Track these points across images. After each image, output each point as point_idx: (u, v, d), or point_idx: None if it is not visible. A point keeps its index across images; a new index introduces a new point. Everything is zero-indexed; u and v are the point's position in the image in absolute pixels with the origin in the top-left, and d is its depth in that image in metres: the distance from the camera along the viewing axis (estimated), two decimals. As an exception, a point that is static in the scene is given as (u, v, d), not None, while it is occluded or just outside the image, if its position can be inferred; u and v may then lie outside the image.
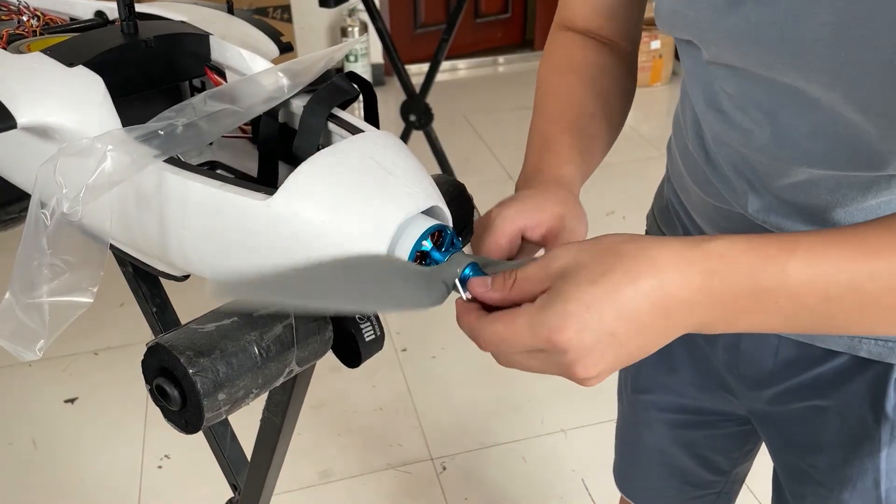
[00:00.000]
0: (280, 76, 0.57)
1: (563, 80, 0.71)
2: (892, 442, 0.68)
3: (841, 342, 0.67)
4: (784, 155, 0.58)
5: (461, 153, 2.85)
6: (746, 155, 0.61)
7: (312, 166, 0.50)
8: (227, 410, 0.52)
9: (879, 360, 0.66)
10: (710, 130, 0.64)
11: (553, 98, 0.69)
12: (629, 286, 0.42)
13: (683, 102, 0.71)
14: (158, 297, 0.75)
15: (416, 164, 0.54)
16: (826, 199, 0.59)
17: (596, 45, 0.72)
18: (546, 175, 0.61)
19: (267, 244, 0.50)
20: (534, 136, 0.67)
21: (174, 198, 0.53)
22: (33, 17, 0.73)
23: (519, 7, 4.14)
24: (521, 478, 1.68)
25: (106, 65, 0.59)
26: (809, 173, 0.58)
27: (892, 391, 0.66)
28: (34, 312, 0.48)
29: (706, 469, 0.92)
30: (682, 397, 0.86)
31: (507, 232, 0.55)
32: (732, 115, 0.60)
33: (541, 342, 0.42)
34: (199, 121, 0.52)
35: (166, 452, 1.73)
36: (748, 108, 0.58)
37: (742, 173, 0.64)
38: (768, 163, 0.60)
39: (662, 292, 0.42)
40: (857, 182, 0.57)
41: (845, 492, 0.72)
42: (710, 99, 0.62)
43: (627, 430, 0.98)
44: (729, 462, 0.92)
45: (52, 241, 0.47)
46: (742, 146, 0.61)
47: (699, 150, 0.68)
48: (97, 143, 0.48)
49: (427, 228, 0.50)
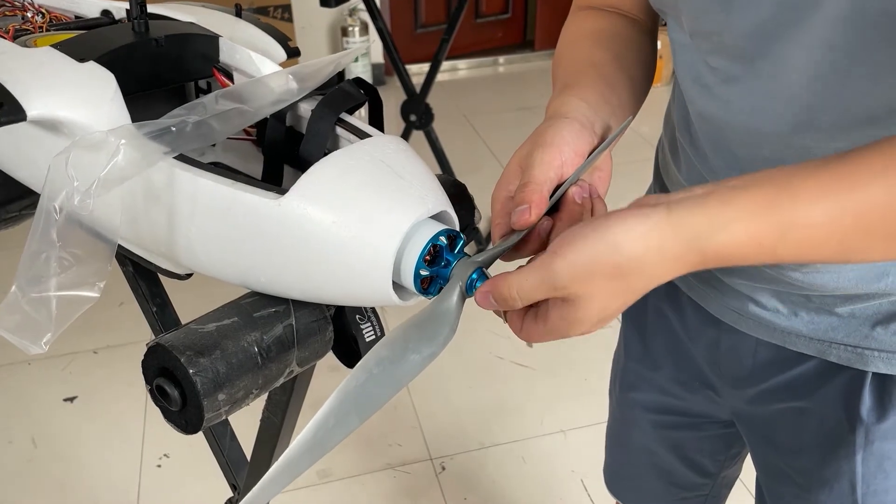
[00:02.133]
0: (290, 79, 0.57)
1: (579, 46, 0.68)
2: (867, 446, 0.68)
3: (812, 346, 0.68)
4: (760, 125, 0.57)
5: (461, 153, 2.85)
6: (725, 130, 0.61)
7: (325, 168, 0.51)
8: (228, 411, 0.52)
9: (849, 365, 0.66)
10: (694, 106, 0.64)
11: (568, 60, 0.67)
12: (636, 279, 0.45)
13: (674, 90, 0.71)
14: (158, 296, 0.75)
15: (425, 169, 0.54)
16: None
17: (615, 17, 0.70)
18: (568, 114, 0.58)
19: (276, 244, 0.51)
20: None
21: (184, 194, 0.53)
22: (38, 13, 0.73)
23: (519, 7, 4.14)
24: (521, 478, 1.68)
25: (117, 61, 0.59)
26: (783, 148, 0.57)
27: (867, 395, 0.67)
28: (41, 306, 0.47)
29: (693, 471, 0.92)
30: (666, 395, 0.86)
31: (551, 179, 0.53)
32: (714, 88, 0.60)
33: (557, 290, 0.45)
34: (209, 119, 0.52)
35: (165, 451, 1.73)
36: (728, 78, 0.58)
37: (720, 151, 0.63)
38: (745, 136, 0.59)
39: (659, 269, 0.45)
40: None
41: (822, 494, 0.72)
42: (695, 74, 0.61)
43: (616, 429, 0.98)
44: (715, 465, 0.92)
45: (61, 234, 0.47)
46: (721, 118, 0.60)
47: (685, 132, 0.68)
48: (110, 137, 0.48)
49: (436, 233, 0.50)
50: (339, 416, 0.45)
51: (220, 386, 0.50)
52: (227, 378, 0.51)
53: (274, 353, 0.54)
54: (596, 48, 0.66)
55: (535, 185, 0.50)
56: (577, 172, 0.52)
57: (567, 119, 0.54)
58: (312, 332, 0.56)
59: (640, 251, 0.44)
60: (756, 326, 0.70)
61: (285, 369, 0.55)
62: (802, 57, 0.52)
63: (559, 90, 0.61)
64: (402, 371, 0.47)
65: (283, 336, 0.54)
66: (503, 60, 4.07)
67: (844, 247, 0.44)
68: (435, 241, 0.51)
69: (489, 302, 0.48)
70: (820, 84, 0.52)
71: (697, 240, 0.44)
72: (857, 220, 0.43)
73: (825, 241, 0.44)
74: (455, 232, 0.52)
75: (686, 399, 0.85)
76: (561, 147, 0.52)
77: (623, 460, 0.99)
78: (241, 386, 0.52)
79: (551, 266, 0.45)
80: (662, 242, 0.44)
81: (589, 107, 0.57)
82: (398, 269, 0.50)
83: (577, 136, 0.53)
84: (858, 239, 0.44)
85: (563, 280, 0.45)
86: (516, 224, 0.50)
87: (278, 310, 0.55)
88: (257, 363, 0.53)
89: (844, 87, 0.51)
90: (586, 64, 0.64)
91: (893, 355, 0.64)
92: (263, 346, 0.53)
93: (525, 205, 0.50)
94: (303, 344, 0.56)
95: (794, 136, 0.56)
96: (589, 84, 0.60)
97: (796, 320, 0.67)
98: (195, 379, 0.49)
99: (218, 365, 0.50)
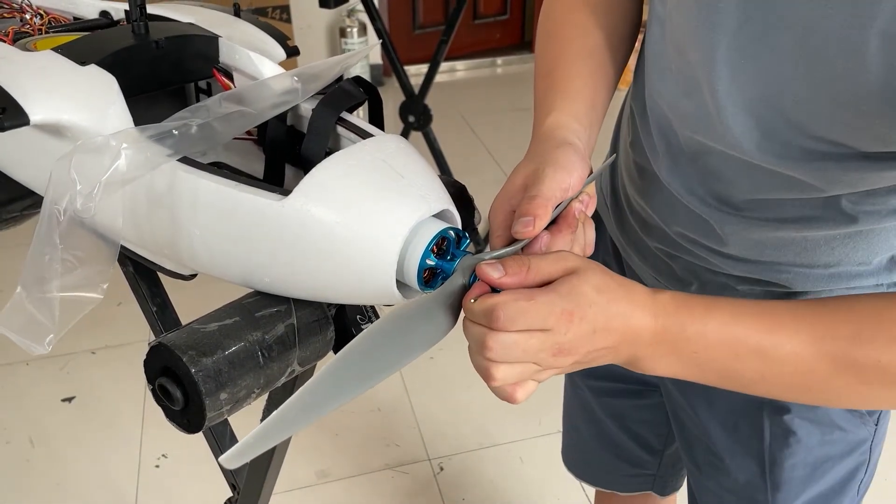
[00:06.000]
0: (294, 80, 0.57)
1: (572, 24, 0.70)
2: (773, 416, 0.72)
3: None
4: (701, 129, 0.60)
5: (460, 154, 2.85)
6: (671, 119, 0.64)
7: (327, 168, 0.51)
8: (229, 410, 0.53)
9: None
10: (651, 86, 0.67)
11: (560, 44, 0.69)
12: (619, 304, 0.50)
13: (636, 78, 0.74)
14: (159, 296, 0.75)
15: (426, 168, 0.54)
16: (723, 179, 0.63)
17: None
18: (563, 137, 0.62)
19: (280, 244, 0.51)
20: (541, 80, 0.68)
21: (187, 196, 0.53)
22: (36, 15, 0.73)
23: (517, 8, 4.14)
24: (519, 478, 1.68)
25: (118, 64, 0.59)
26: (719, 157, 0.61)
27: None
28: (44, 307, 0.48)
29: (637, 444, 0.97)
30: None
31: (556, 197, 0.56)
32: (670, 76, 0.62)
33: (553, 318, 0.48)
34: (212, 121, 0.52)
35: (163, 452, 1.73)
36: (685, 70, 0.60)
37: (664, 135, 0.66)
38: (688, 136, 0.63)
39: (632, 321, 0.51)
40: (758, 171, 0.60)
41: (734, 461, 0.77)
42: (658, 58, 0.64)
43: (568, 404, 1.04)
44: (659, 441, 0.96)
45: (64, 236, 0.48)
46: (670, 110, 0.64)
47: (641, 111, 0.71)
48: (112, 141, 0.48)
49: (439, 231, 0.51)
50: (338, 380, 0.46)
51: (222, 385, 0.51)
52: (230, 377, 0.51)
53: (276, 353, 0.54)
54: (590, 28, 0.69)
55: (542, 200, 0.53)
56: (575, 194, 0.56)
57: (571, 145, 0.59)
58: (314, 331, 0.56)
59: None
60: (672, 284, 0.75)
61: (287, 369, 0.56)
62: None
63: (552, 96, 0.64)
64: (401, 347, 0.49)
65: (284, 336, 0.54)
66: (501, 61, 4.08)
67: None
68: (444, 234, 0.51)
69: (497, 268, 0.50)
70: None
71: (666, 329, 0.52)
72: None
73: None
74: (461, 231, 0.53)
75: None
76: (570, 171, 0.56)
77: (575, 433, 1.05)
78: (243, 385, 0.52)
79: (570, 255, 0.51)
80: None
81: (581, 127, 0.62)
82: (401, 268, 0.51)
83: (581, 163, 0.57)
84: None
85: (577, 261, 0.50)
86: (520, 234, 0.53)
87: (280, 309, 0.55)
88: (259, 363, 0.53)
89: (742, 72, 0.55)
90: (576, 58, 0.67)
91: None
92: (265, 346, 0.53)
93: (531, 216, 0.52)
94: (304, 343, 0.56)
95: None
96: (580, 91, 0.64)
97: (705, 290, 0.72)
98: (197, 378, 0.50)
99: (220, 365, 0.51)
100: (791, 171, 0.57)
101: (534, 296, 0.48)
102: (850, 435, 0.73)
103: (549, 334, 0.48)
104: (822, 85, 0.50)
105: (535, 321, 0.47)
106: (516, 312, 0.47)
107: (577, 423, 1.03)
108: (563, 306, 0.48)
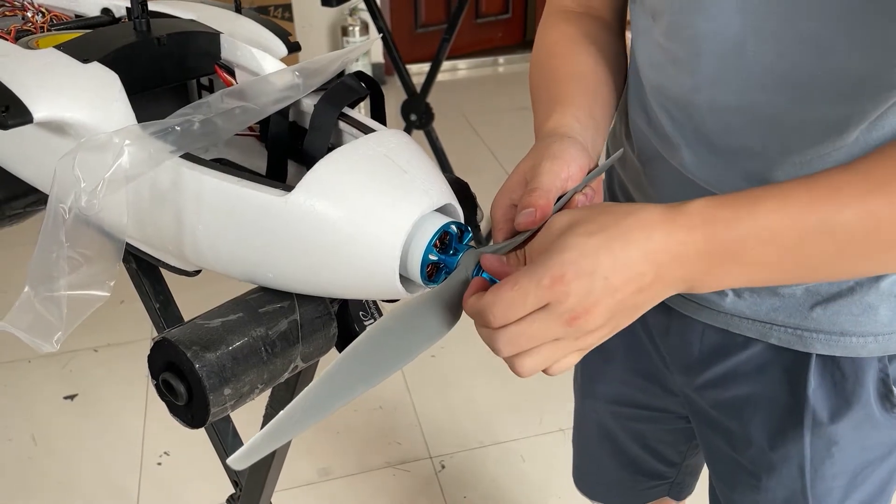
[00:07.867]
0: (296, 76, 0.57)
1: (561, 55, 0.71)
2: (814, 428, 0.70)
3: (753, 329, 0.69)
4: (720, 84, 0.60)
5: (461, 153, 2.85)
6: (676, 99, 0.64)
7: (330, 163, 0.51)
8: (233, 405, 0.53)
9: (789, 347, 0.68)
10: (649, 83, 0.66)
11: (552, 70, 0.70)
12: (621, 238, 0.45)
13: (628, 80, 0.74)
14: (162, 293, 0.75)
15: (428, 162, 0.55)
16: (755, 153, 0.61)
17: (588, 21, 0.73)
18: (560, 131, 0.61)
19: (284, 240, 0.51)
20: (539, 94, 0.68)
21: (190, 193, 0.53)
22: (38, 12, 0.74)
23: (519, 7, 4.14)
24: (520, 477, 1.68)
25: (120, 61, 0.59)
26: (743, 118, 0.60)
27: (813, 377, 0.68)
28: (52, 305, 0.48)
29: (657, 459, 0.95)
30: (626, 386, 0.89)
31: (557, 188, 0.55)
32: (664, 63, 0.63)
33: (543, 292, 0.45)
34: (215, 118, 0.52)
35: (166, 449, 1.73)
36: (677, 49, 0.60)
37: (678, 123, 0.65)
38: (711, 98, 0.62)
39: (652, 244, 0.45)
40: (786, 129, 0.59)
41: (771, 480, 0.74)
42: (650, 51, 0.64)
43: (581, 424, 1.00)
44: (678, 455, 0.94)
45: (69, 234, 0.48)
46: (672, 90, 0.64)
47: (640, 112, 0.70)
48: (115, 138, 0.49)
49: (442, 225, 0.51)
50: (344, 378, 0.46)
51: (225, 381, 0.51)
52: (233, 373, 0.51)
53: (279, 349, 0.54)
54: (579, 56, 0.69)
55: (542, 192, 0.52)
56: (579, 185, 0.55)
57: (570, 138, 0.58)
58: (317, 327, 0.57)
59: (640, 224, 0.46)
60: (700, 309, 0.72)
61: (290, 364, 0.56)
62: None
63: (551, 106, 0.64)
64: (406, 343, 0.49)
65: (287, 331, 0.55)
66: (503, 60, 4.07)
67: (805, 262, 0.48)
68: (447, 229, 0.52)
69: (499, 258, 0.50)
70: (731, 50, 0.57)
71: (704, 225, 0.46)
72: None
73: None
74: (464, 225, 0.53)
75: (646, 391, 0.87)
76: (569, 162, 0.55)
77: (589, 454, 1.02)
78: (247, 381, 0.52)
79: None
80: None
81: (582, 127, 0.60)
82: (405, 262, 0.51)
83: (581, 154, 0.56)
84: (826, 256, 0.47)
85: (566, 218, 0.48)
86: (521, 225, 0.52)
87: (283, 305, 0.55)
88: (262, 358, 0.53)
89: (741, 58, 0.56)
90: (571, 77, 0.67)
91: (831, 337, 0.66)
92: (268, 342, 0.53)
93: (532, 208, 0.52)
94: (307, 339, 0.56)
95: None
96: (577, 99, 0.64)
97: (740, 302, 0.69)
98: (201, 373, 0.50)
99: (224, 360, 0.51)
100: (814, 109, 0.56)
101: (517, 280, 0.45)
102: (888, 436, 0.71)
103: (549, 308, 0.45)
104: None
105: (527, 304, 0.45)
106: (504, 306, 0.45)
107: (592, 445, 0.99)
108: (550, 275, 0.45)
